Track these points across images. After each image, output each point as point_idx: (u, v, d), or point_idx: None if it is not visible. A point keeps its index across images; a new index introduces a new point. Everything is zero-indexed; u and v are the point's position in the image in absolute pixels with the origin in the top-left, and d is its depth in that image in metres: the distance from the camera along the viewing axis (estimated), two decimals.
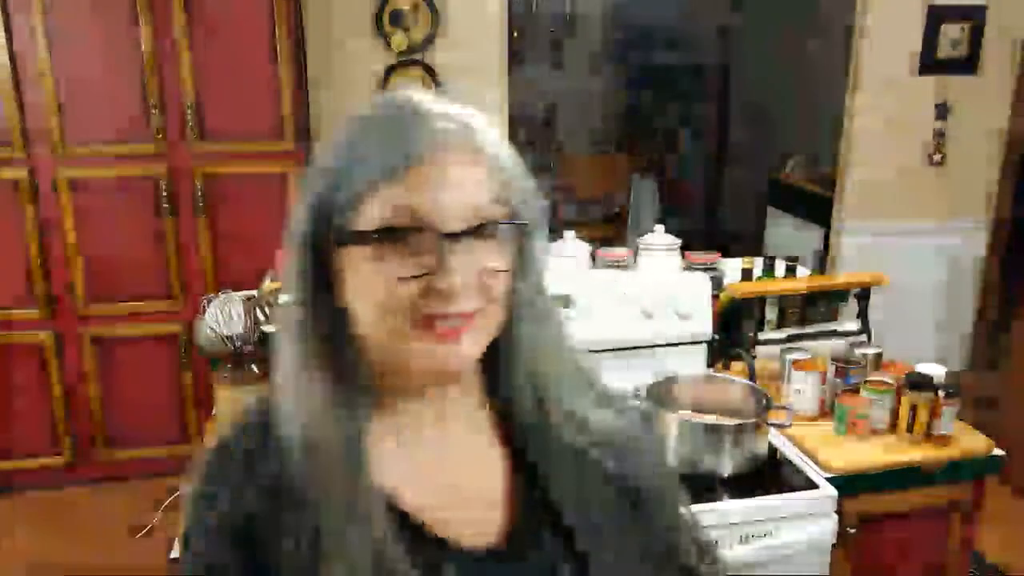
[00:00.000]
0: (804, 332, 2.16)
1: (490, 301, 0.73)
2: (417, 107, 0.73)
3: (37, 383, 3.22)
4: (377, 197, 0.70)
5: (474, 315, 0.72)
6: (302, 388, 0.74)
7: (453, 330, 0.71)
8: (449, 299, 0.70)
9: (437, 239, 0.70)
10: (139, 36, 2.99)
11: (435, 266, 0.70)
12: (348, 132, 0.75)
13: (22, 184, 3.05)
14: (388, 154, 0.70)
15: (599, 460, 0.82)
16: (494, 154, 0.75)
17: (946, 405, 1.79)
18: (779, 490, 1.67)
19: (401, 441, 0.78)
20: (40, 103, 3.00)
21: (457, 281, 0.70)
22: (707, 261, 2.27)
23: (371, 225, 0.70)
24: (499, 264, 0.73)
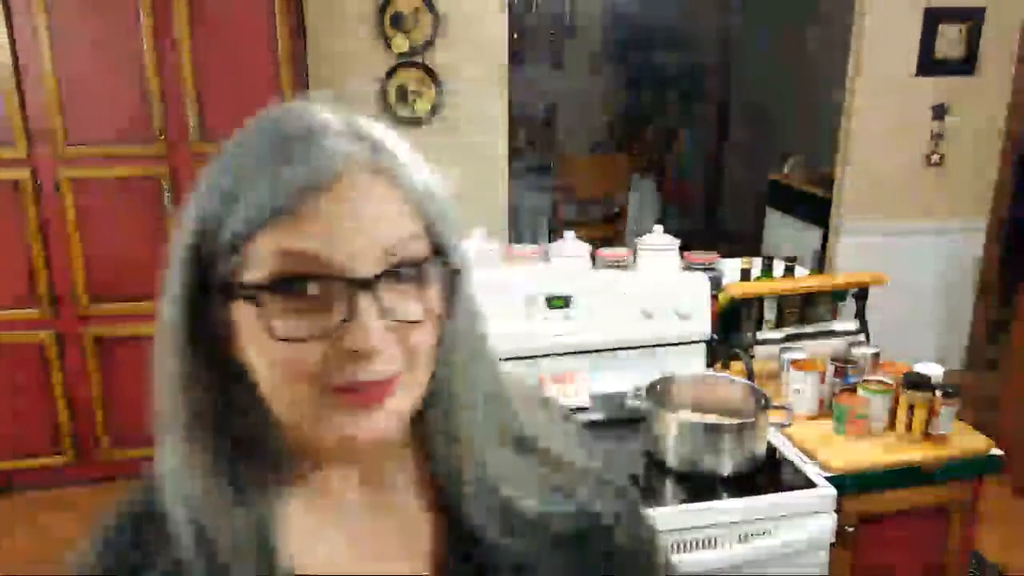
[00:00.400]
0: (803, 332, 2.17)
1: (413, 359, 0.60)
2: (309, 124, 0.59)
3: (38, 383, 3.22)
4: (264, 240, 0.56)
5: (395, 379, 0.59)
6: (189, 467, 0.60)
7: (372, 396, 0.59)
8: (364, 362, 0.57)
9: (343, 288, 0.56)
10: (140, 36, 3.00)
11: (343, 323, 0.57)
12: (224, 160, 0.60)
13: (23, 184, 3.05)
14: (274, 186, 0.56)
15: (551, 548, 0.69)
16: (410, 179, 0.61)
17: (945, 405, 1.80)
18: (778, 489, 1.68)
19: (322, 520, 0.65)
20: (42, 103, 3.00)
21: (373, 339, 0.57)
22: (706, 261, 2.28)
23: (259, 275, 0.56)
24: (422, 314, 0.60)
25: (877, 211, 4.13)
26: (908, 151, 4.09)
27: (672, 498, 1.68)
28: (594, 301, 2.00)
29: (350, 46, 3.64)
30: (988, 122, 4.11)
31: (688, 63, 6.96)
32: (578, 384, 2.00)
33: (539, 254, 2.24)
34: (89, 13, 2.97)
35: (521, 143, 6.04)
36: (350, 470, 0.66)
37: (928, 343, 4.25)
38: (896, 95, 3.99)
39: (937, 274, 4.28)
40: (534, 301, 1.96)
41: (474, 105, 3.80)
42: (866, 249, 4.09)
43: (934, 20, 3.91)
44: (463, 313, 0.66)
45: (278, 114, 0.61)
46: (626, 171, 5.41)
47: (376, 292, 0.57)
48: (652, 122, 6.60)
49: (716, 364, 2.13)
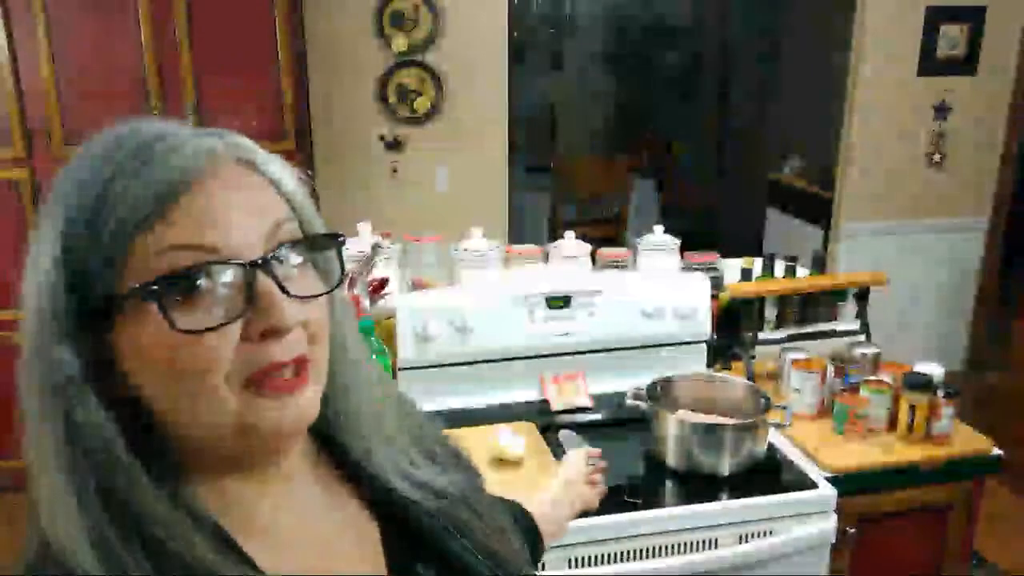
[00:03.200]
0: (803, 332, 2.17)
1: (315, 338, 0.61)
2: (162, 129, 0.60)
3: None
4: (144, 242, 0.55)
5: (305, 359, 0.60)
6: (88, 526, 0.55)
7: (294, 379, 0.59)
8: (280, 338, 0.58)
9: (239, 272, 0.57)
10: (139, 36, 2.99)
11: (250, 304, 0.57)
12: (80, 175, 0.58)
13: (22, 184, 3.05)
14: (146, 184, 0.56)
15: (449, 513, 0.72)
16: (271, 168, 0.63)
17: (945, 405, 1.79)
18: (778, 490, 1.68)
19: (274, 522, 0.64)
20: (40, 103, 3.00)
21: (285, 312, 0.57)
22: (706, 261, 2.27)
23: (146, 277, 0.55)
24: (315, 290, 0.61)
25: (878, 211, 4.13)
26: (909, 151, 4.09)
27: (672, 498, 1.68)
28: (594, 301, 2.00)
29: (350, 45, 3.64)
30: (989, 122, 4.11)
31: (688, 63, 6.96)
32: (578, 384, 1.99)
33: (539, 254, 2.23)
34: (87, 12, 2.97)
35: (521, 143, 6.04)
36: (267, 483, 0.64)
37: (928, 343, 4.25)
38: (897, 95, 3.99)
39: (938, 274, 4.28)
40: (534, 301, 1.96)
41: (474, 105, 3.80)
42: (867, 249, 4.10)
43: (935, 20, 3.91)
44: (339, 293, 0.67)
45: (124, 127, 0.61)
46: (626, 171, 5.41)
47: (271, 271, 0.57)
48: (652, 122, 6.60)
49: (716, 364, 2.13)
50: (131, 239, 0.55)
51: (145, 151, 0.58)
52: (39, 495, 0.57)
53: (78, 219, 0.56)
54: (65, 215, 0.57)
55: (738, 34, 6.63)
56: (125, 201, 0.55)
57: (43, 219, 0.59)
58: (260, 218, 0.59)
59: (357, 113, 3.72)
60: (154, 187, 0.56)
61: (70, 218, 0.57)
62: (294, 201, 0.63)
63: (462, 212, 3.73)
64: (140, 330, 0.56)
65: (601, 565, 1.57)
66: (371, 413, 0.70)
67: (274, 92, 3.13)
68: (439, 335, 1.89)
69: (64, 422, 0.56)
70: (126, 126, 0.61)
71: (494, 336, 1.93)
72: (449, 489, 0.72)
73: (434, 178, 3.86)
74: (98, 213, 0.56)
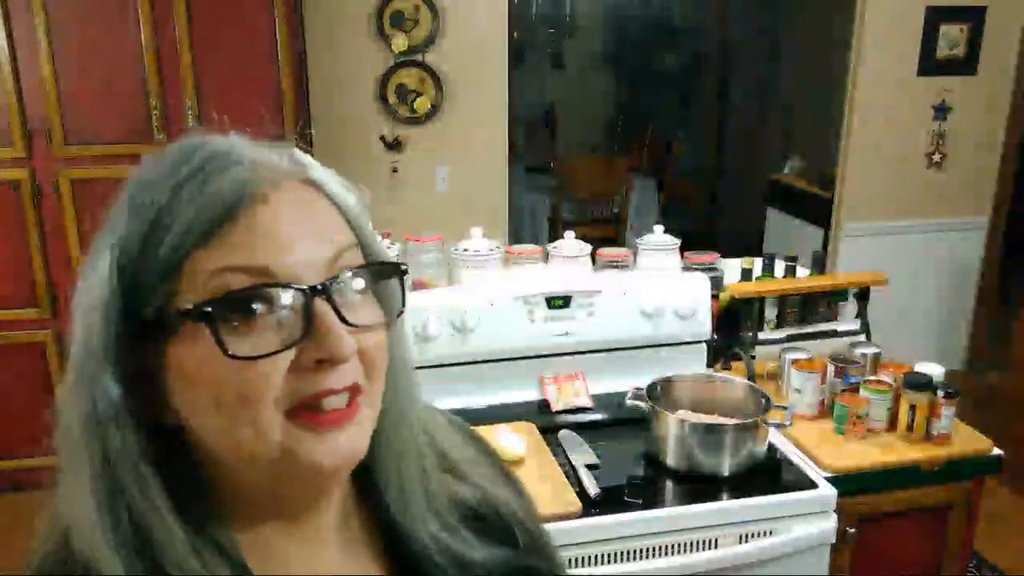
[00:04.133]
0: (803, 332, 2.17)
1: (371, 369, 0.58)
2: (230, 143, 0.58)
3: (38, 383, 3.22)
4: (201, 260, 0.53)
5: (358, 390, 0.57)
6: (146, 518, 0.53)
7: (345, 409, 0.56)
8: (334, 368, 0.55)
9: (298, 297, 0.54)
10: (140, 37, 2.99)
11: (307, 330, 0.54)
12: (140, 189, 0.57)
13: (23, 185, 3.05)
14: (208, 200, 0.54)
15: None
16: (336, 190, 0.60)
17: (945, 405, 1.79)
18: (778, 490, 1.68)
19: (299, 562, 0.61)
20: (40, 103, 3.00)
21: (343, 342, 0.55)
22: (706, 261, 2.27)
23: (199, 299, 0.53)
24: (375, 319, 0.58)
25: (878, 211, 4.13)
26: (909, 151, 4.09)
27: (672, 498, 1.68)
28: (594, 301, 2.00)
29: (350, 45, 3.64)
30: (989, 122, 4.11)
31: (688, 63, 6.96)
32: (578, 384, 1.99)
33: (539, 254, 2.23)
34: (87, 12, 2.97)
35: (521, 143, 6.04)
36: (294, 527, 0.61)
37: (928, 343, 4.25)
38: (897, 95, 3.99)
39: (938, 274, 4.28)
40: (534, 301, 1.96)
41: (474, 104, 3.80)
42: (867, 249, 4.09)
43: (935, 20, 3.91)
44: (400, 325, 0.64)
45: (191, 140, 0.59)
46: (626, 171, 5.41)
47: (331, 298, 0.55)
48: (652, 122, 6.60)
49: (716, 364, 2.13)
50: (187, 257, 0.53)
51: (208, 166, 0.55)
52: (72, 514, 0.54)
53: (136, 233, 0.54)
54: (123, 229, 0.55)
55: (738, 34, 6.63)
56: (184, 217, 0.53)
57: (102, 232, 0.57)
58: (322, 241, 0.56)
59: (357, 113, 3.72)
60: (214, 204, 0.54)
61: (128, 232, 0.55)
62: (357, 226, 0.60)
63: (462, 212, 3.73)
64: (189, 352, 0.54)
65: (601, 565, 1.57)
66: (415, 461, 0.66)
67: (274, 92, 3.13)
68: (439, 335, 1.89)
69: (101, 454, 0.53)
70: (193, 139, 0.59)
71: (494, 336, 1.93)
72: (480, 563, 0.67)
73: (434, 178, 3.86)
74: (156, 228, 0.54)
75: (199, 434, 0.56)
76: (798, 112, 5.76)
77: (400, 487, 0.65)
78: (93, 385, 0.53)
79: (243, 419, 0.54)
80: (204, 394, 0.54)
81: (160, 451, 0.55)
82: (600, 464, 1.73)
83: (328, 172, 0.61)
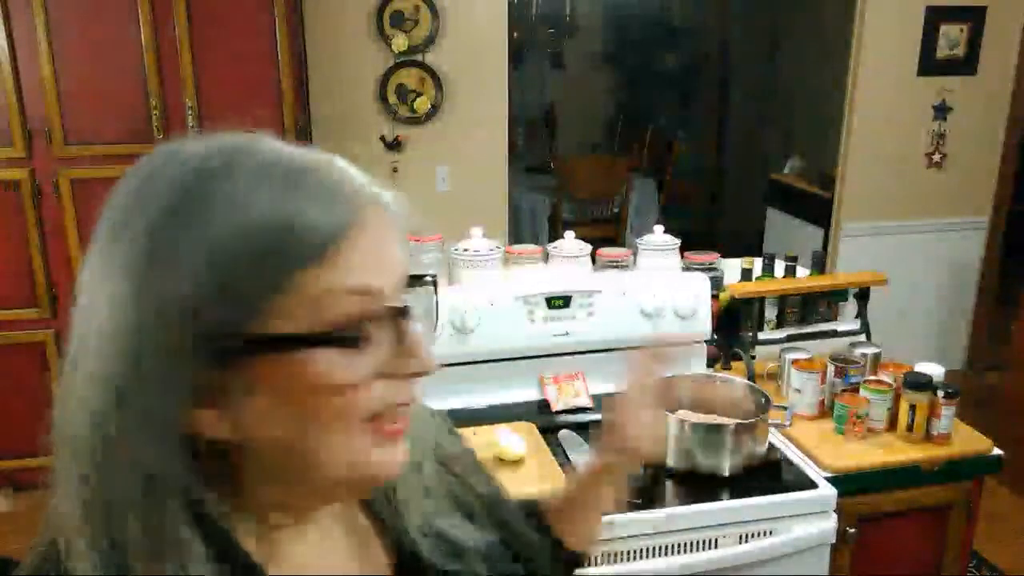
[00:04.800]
0: (804, 332, 2.17)
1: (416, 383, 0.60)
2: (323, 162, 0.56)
3: (38, 383, 3.22)
4: (312, 279, 0.52)
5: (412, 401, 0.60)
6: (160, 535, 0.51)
7: (403, 420, 0.59)
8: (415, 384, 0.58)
9: (399, 318, 0.56)
10: (140, 37, 2.99)
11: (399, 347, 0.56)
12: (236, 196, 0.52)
13: (23, 185, 3.05)
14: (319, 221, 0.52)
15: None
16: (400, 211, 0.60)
17: (945, 405, 1.79)
18: (778, 490, 1.68)
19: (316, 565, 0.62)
20: (40, 103, 3.00)
21: (432, 357, 0.57)
22: (706, 261, 2.27)
23: (309, 320, 0.52)
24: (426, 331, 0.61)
25: (878, 211, 4.13)
26: (909, 151, 4.09)
27: (672, 498, 1.67)
28: (594, 301, 2.00)
29: (350, 45, 3.64)
30: (989, 122, 4.11)
31: (688, 63, 6.96)
32: (578, 384, 1.99)
33: (539, 254, 2.23)
34: (88, 12, 2.97)
35: (521, 143, 6.04)
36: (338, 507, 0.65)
37: (928, 343, 4.25)
38: (897, 95, 3.99)
39: (938, 274, 4.28)
40: (534, 301, 1.96)
41: (474, 104, 3.80)
42: (867, 249, 4.10)
43: (935, 20, 3.91)
44: None
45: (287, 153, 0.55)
46: (626, 171, 5.41)
47: (413, 315, 0.57)
48: (652, 122, 6.60)
49: (716, 364, 2.13)
50: (293, 274, 0.51)
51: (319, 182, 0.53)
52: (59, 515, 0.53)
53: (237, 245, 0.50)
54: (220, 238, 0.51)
55: (738, 34, 6.64)
56: (298, 233, 0.51)
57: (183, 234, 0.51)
58: (403, 263, 0.58)
59: (357, 113, 3.72)
60: (328, 222, 0.52)
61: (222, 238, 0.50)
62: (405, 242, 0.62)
63: (462, 212, 3.73)
64: (289, 370, 0.52)
65: (601, 565, 1.57)
66: (415, 460, 0.68)
67: (274, 92, 3.13)
68: (439, 335, 1.89)
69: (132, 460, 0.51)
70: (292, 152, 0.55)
71: (494, 336, 1.93)
72: (471, 544, 0.71)
73: (434, 178, 3.86)
74: (262, 242, 0.50)
75: (262, 446, 0.55)
76: (798, 112, 5.76)
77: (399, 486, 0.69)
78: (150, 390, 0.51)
79: (334, 434, 0.54)
80: (296, 411, 0.53)
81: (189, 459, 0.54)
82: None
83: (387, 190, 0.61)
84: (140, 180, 0.56)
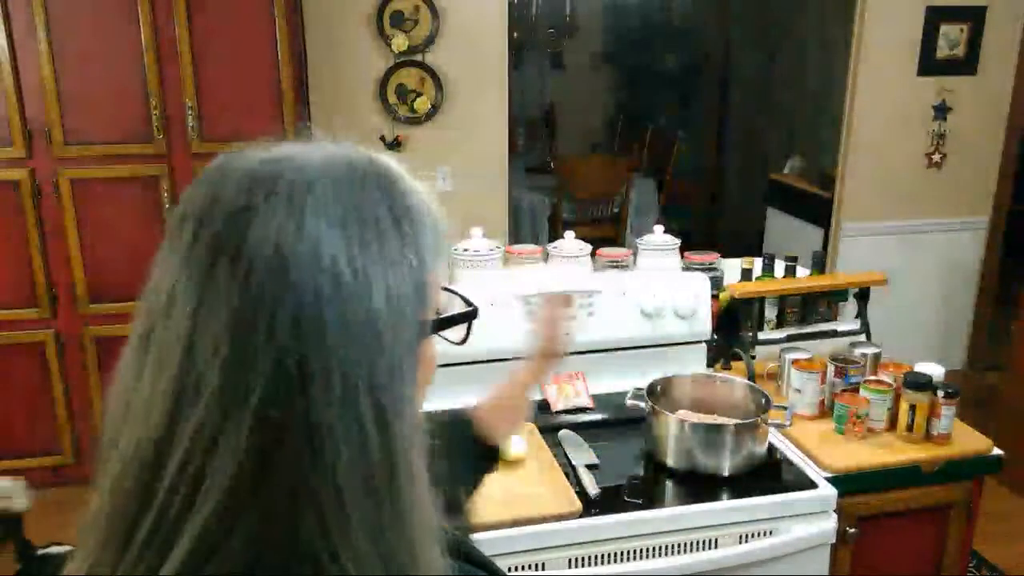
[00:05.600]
0: (804, 332, 2.17)
1: None
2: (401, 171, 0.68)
3: (38, 383, 3.22)
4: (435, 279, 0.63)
5: None
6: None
7: None
8: None
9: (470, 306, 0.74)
10: (139, 36, 2.99)
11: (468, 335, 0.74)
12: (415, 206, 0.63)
13: (23, 185, 3.05)
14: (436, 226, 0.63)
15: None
16: None
17: (945, 405, 1.79)
18: (778, 490, 1.68)
19: None
20: (40, 103, 3.00)
21: None
22: (706, 261, 2.27)
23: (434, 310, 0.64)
24: None
25: (878, 211, 4.13)
26: (909, 151, 4.09)
27: (672, 498, 1.68)
28: (594, 301, 2.00)
29: (350, 45, 3.64)
30: (989, 122, 4.11)
31: (688, 62, 6.96)
32: (578, 384, 1.99)
33: (539, 254, 2.23)
34: (87, 12, 2.97)
35: (521, 143, 6.04)
36: None
37: (928, 343, 4.25)
38: (897, 94, 3.99)
39: (938, 274, 4.28)
40: (534, 301, 1.96)
41: (474, 104, 3.80)
42: (867, 249, 4.10)
43: (935, 20, 3.91)
44: None
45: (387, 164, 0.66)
46: (626, 171, 5.41)
47: None
48: (652, 122, 6.60)
49: (716, 364, 2.13)
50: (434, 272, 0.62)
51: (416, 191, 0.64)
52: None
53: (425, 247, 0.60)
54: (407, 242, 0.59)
55: (738, 34, 6.64)
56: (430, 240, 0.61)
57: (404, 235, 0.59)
58: None
59: (357, 113, 3.72)
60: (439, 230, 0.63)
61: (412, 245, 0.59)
62: None
63: (462, 212, 3.72)
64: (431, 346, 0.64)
65: (601, 565, 1.57)
66: None
67: (274, 92, 3.13)
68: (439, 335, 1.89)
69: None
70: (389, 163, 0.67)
71: (494, 336, 1.93)
72: None
73: (434, 178, 3.86)
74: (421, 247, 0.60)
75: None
76: (798, 112, 5.76)
77: None
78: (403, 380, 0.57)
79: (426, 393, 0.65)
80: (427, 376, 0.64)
81: None
82: (600, 464, 1.73)
83: None
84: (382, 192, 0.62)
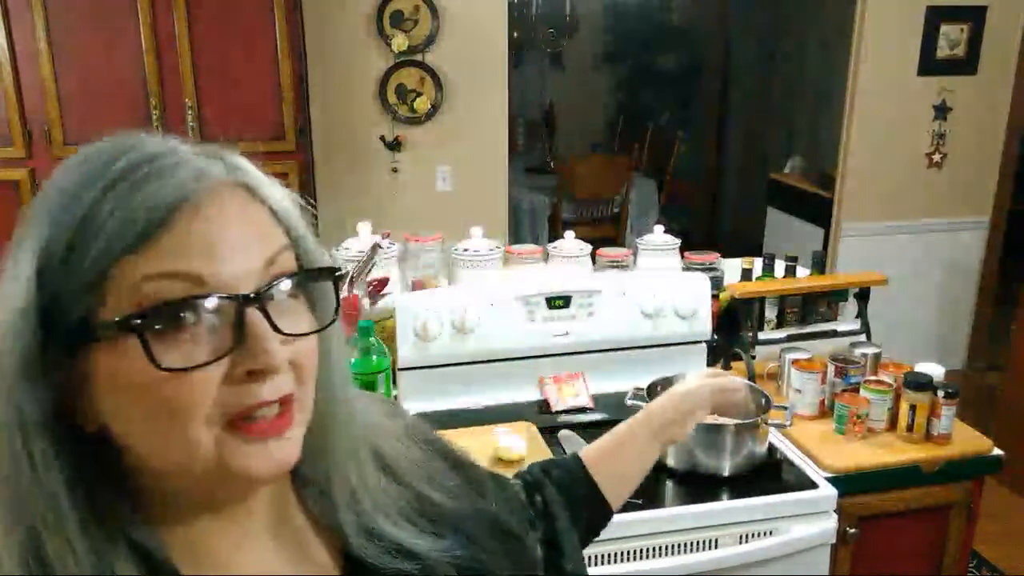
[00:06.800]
0: (804, 332, 2.17)
1: (301, 375, 0.58)
2: (156, 148, 0.56)
3: None
4: (128, 268, 0.51)
5: (290, 400, 0.57)
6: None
7: (276, 420, 0.56)
8: (265, 379, 0.54)
9: (229, 306, 0.53)
10: (139, 36, 2.99)
11: (239, 341, 0.53)
12: (61, 193, 0.54)
13: (23, 185, 3.05)
14: (136, 207, 0.52)
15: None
16: (270, 194, 0.59)
17: (945, 405, 1.79)
18: (778, 490, 1.67)
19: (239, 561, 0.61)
20: (40, 103, 3.00)
21: (274, 356, 0.54)
22: (706, 261, 2.27)
23: (128, 306, 0.51)
24: (308, 327, 0.58)
25: (878, 211, 4.13)
26: (909, 151, 4.09)
27: (672, 498, 1.67)
28: (594, 301, 2.00)
29: (350, 44, 3.64)
30: (989, 122, 4.11)
31: (688, 62, 6.96)
32: (578, 384, 1.99)
33: (539, 254, 2.23)
34: (87, 12, 2.97)
35: (521, 143, 6.04)
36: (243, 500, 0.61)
37: (928, 343, 4.25)
38: (897, 94, 3.99)
39: (938, 274, 4.28)
40: (534, 301, 1.96)
41: (474, 104, 3.80)
42: (867, 249, 4.10)
43: (935, 20, 3.91)
44: (335, 326, 0.63)
45: (119, 141, 0.56)
46: (626, 171, 5.41)
47: (264, 307, 0.54)
48: (652, 122, 6.60)
49: (716, 364, 2.13)
50: (115, 263, 0.51)
51: (138, 169, 0.53)
52: None
53: (59, 238, 0.52)
54: (46, 233, 0.53)
55: (738, 34, 6.64)
56: (112, 221, 0.51)
57: (21, 237, 0.54)
58: (256, 248, 0.55)
59: (357, 113, 3.72)
60: (144, 209, 0.52)
61: (51, 236, 0.52)
62: (293, 230, 0.59)
63: (462, 212, 3.73)
64: (118, 362, 0.52)
65: (601, 565, 1.57)
66: (348, 459, 0.66)
67: (274, 92, 3.13)
68: (439, 335, 1.89)
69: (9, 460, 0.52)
70: (121, 140, 0.56)
71: (494, 336, 1.93)
72: (427, 553, 0.67)
73: (434, 178, 3.86)
74: (82, 233, 0.52)
75: (127, 442, 0.55)
76: (798, 112, 5.76)
77: (332, 487, 0.65)
78: (9, 392, 0.51)
79: (174, 431, 0.53)
80: (133, 405, 0.53)
81: (82, 456, 0.54)
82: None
83: (261, 174, 0.60)
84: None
